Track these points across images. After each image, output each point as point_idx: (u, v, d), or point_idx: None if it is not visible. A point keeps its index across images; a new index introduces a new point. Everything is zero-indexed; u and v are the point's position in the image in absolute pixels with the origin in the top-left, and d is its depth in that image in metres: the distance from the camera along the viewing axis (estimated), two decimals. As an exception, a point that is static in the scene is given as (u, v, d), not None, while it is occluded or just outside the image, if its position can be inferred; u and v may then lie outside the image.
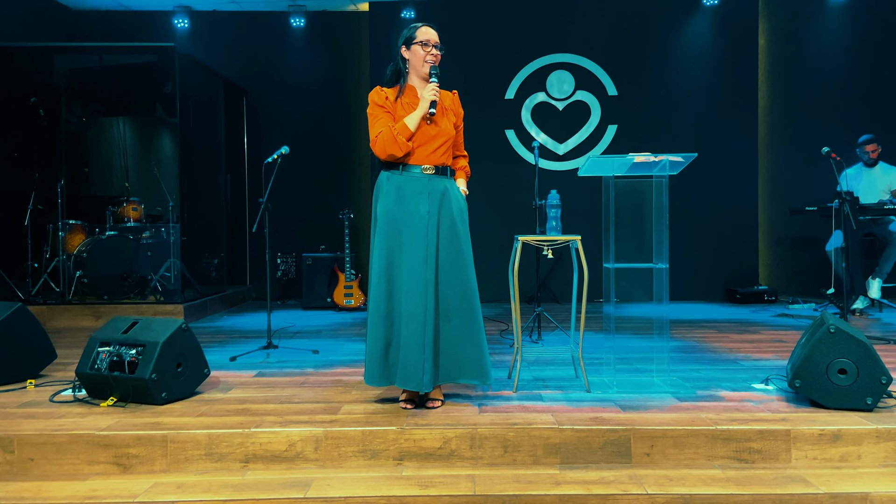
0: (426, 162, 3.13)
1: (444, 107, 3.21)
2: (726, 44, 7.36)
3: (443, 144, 3.16)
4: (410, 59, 3.19)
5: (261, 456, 2.78)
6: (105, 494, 2.55)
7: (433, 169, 3.14)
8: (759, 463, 2.76)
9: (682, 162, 3.34)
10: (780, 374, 3.53)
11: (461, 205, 3.22)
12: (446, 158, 3.20)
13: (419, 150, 3.12)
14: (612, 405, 3.11)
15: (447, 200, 3.15)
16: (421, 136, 3.11)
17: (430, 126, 3.13)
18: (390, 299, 3.10)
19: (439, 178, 3.16)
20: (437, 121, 3.15)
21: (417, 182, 3.12)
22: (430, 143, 3.13)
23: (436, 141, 3.14)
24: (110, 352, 3.17)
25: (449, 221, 3.13)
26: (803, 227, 7.22)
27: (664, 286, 3.38)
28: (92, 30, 7.66)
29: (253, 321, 6.11)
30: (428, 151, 3.13)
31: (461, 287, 3.12)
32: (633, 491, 2.52)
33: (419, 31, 3.18)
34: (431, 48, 3.16)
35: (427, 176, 3.13)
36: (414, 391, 3.11)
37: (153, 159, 7.07)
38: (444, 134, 3.16)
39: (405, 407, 3.10)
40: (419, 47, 3.15)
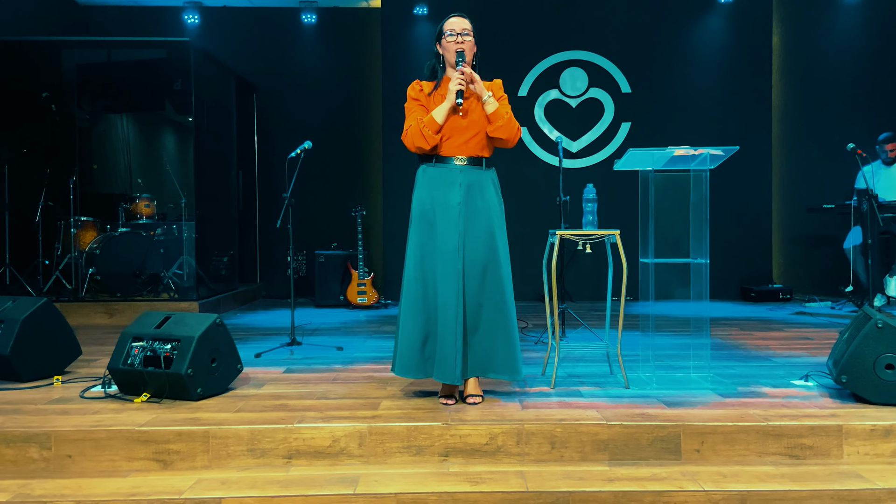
0: (458, 153, 3.10)
1: (475, 94, 3.14)
2: (740, 41, 7.35)
3: (475, 135, 3.11)
4: (444, 54, 3.17)
5: (304, 452, 2.73)
6: (148, 491, 2.49)
7: (466, 160, 3.10)
8: (811, 459, 2.72)
9: (722, 155, 3.30)
10: (818, 371, 3.50)
11: (495, 197, 3.16)
12: (480, 149, 3.14)
13: (450, 141, 3.09)
14: (655, 401, 3.07)
15: (480, 192, 3.10)
16: (451, 127, 3.08)
17: (460, 118, 3.08)
18: (425, 291, 3.07)
19: (472, 170, 3.11)
20: (468, 111, 3.09)
21: (449, 173, 3.09)
22: (461, 134, 3.09)
23: (467, 132, 3.09)
24: (144, 347, 3.11)
25: (480, 213, 3.08)
26: (817, 225, 7.21)
27: (705, 281, 3.34)
28: (100, 25, 7.58)
29: (268, 318, 6.05)
30: (460, 142, 3.09)
31: (493, 280, 3.08)
32: (688, 487, 2.48)
33: (447, 23, 3.16)
34: (458, 36, 3.12)
35: (459, 167, 3.09)
36: (452, 386, 3.08)
37: (165, 156, 7.00)
38: (477, 125, 3.10)
39: (445, 403, 3.06)
40: (446, 39, 3.13)
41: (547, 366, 3.69)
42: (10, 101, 6.30)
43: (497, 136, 3.08)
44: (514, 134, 3.10)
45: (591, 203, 3.49)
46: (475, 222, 3.07)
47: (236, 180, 7.45)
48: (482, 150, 3.14)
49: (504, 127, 3.06)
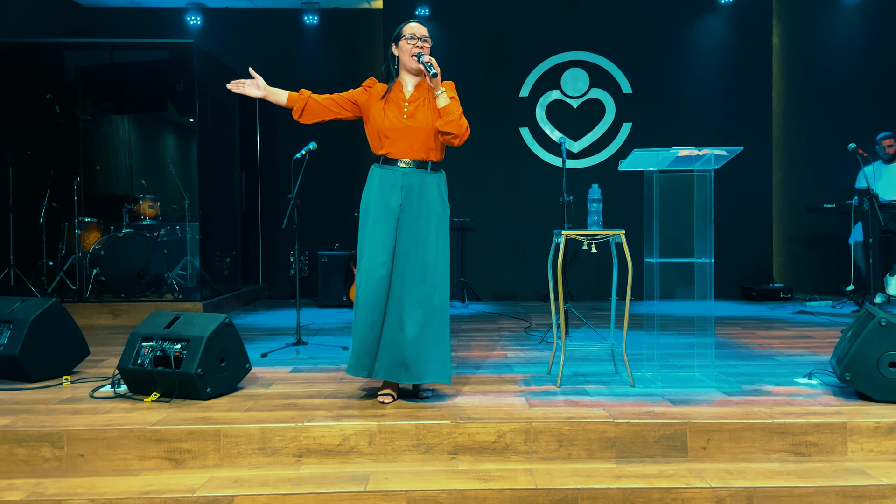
0: (403, 156, 3.14)
1: (425, 99, 3.16)
2: (741, 42, 7.39)
3: (421, 138, 3.12)
4: (399, 56, 3.18)
5: (314, 450, 2.75)
6: (161, 489, 2.51)
7: (411, 163, 3.14)
8: (816, 456, 2.75)
9: (727, 156, 3.33)
10: (822, 369, 3.54)
11: (438, 200, 3.18)
12: (426, 152, 3.15)
13: (397, 144, 3.12)
14: (661, 400, 3.10)
15: (421, 195, 3.13)
16: (397, 130, 3.11)
17: (406, 119, 3.12)
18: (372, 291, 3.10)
19: (416, 173, 3.14)
20: (413, 114, 3.12)
21: (393, 175, 3.13)
22: (406, 137, 3.12)
23: (413, 135, 3.12)
24: (154, 347, 3.13)
25: (421, 217, 3.12)
26: (817, 224, 7.25)
27: (709, 281, 3.37)
28: (103, 26, 7.61)
29: (271, 319, 6.07)
30: (405, 146, 3.13)
31: (427, 284, 3.10)
32: (695, 484, 2.51)
33: (406, 27, 3.18)
34: (418, 41, 3.14)
35: (402, 170, 3.13)
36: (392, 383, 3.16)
37: (168, 157, 7.02)
38: (423, 128, 3.12)
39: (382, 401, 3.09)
40: (405, 42, 3.14)
41: (552, 365, 3.72)
42: (14, 102, 6.32)
43: (446, 131, 3.07)
44: (463, 132, 3.09)
45: (597, 203, 3.52)
46: (414, 225, 3.11)
47: (239, 181, 7.47)
48: (428, 154, 3.16)
49: (454, 122, 3.06)
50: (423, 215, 3.13)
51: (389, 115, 3.13)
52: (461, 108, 3.13)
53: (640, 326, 4.96)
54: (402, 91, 3.18)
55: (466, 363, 3.97)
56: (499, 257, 7.42)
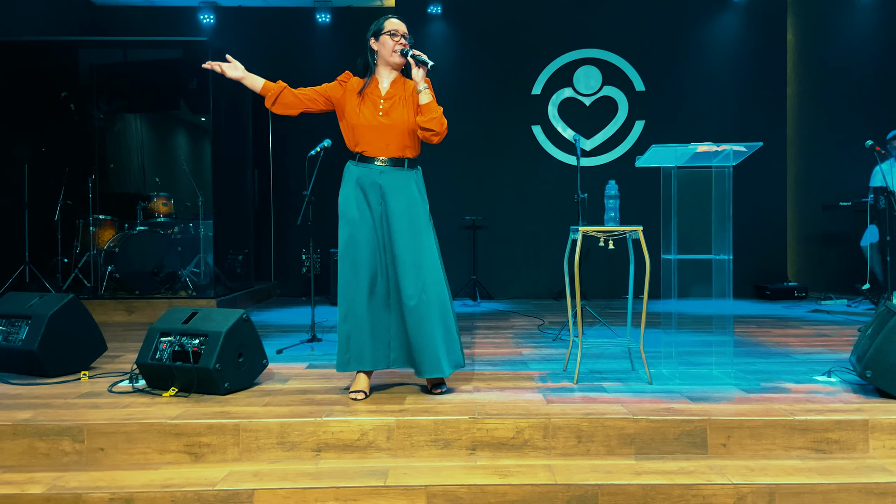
0: (380, 154, 3.13)
1: (401, 97, 3.14)
2: (755, 39, 7.35)
3: (397, 136, 3.11)
4: (379, 50, 3.15)
5: (333, 445, 2.75)
6: (181, 483, 2.52)
7: (387, 161, 3.13)
8: (837, 453, 2.73)
9: (745, 151, 3.31)
10: (840, 367, 3.51)
11: (418, 196, 3.15)
12: (402, 150, 3.14)
13: (371, 142, 3.11)
14: (679, 396, 3.08)
15: (401, 193, 3.12)
16: (373, 128, 3.10)
17: (382, 117, 3.10)
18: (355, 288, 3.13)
19: (393, 171, 3.13)
20: (388, 112, 3.10)
21: (370, 174, 3.13)
22: (383, 135, 3.11)
23: (389, 133, 3.10)
24: (172, 342, 3.15)
25: (403, 214, 3.10)
26: (832, 222, 7.20)
27: (728, 278, 3.35)
28: (116, 25, 7.65)
29: (285, 316, 6.08)
30: (381, 144, 3.12)
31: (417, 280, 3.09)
32: (716, 481, 2.49)
33: (387, 21, 3.17)
34: (400, 38, 3.13)
35: (380, 168, 3.13)
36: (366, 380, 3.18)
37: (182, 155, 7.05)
38: (398, 126, 3.10)
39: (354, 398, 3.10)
40: (388, 37, 3.12)
41: (568, 361, 3.71)
42: (29, 100, 6.36)
43: (428, 128, 3.06)
44: (443, 129, 3.09)
45: (614, 200, 3.50)
46: (396, 224, 3.10)
47: (252, 179, 7.50)
48: (404, 151, 3.15)
49: (436, 120, 3.06)
50: (406, 213, 3.11)
51: (365, 112, 3.11)
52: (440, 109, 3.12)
53: (656, 325, 4.94)
54: (377, 88, 3.15)
55: (481, 360, 3.97)
56: (510, 255, 7.41)
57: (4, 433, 2.75)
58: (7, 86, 6.22)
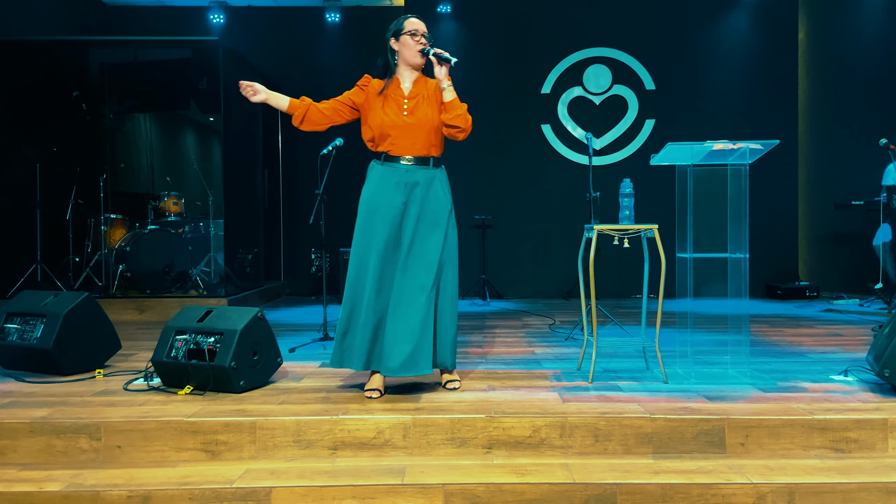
0: (405, 153, 3.14)
1: (424, 95, 3.16)
2: (765, 38, 7.32)
3: (422, 135, 3.13)
4: (400, 51, 3.16)
5: (349, 443, 2.75)
6: (199, 480, 2.52)
7: (413, 160, 3.14)
8: (856, 452, 2.71)
9: (762, 149, 3.30)
10: (856, 366, 3.49)
11: (443, 196, 3.17)
12: (427, 149, 3.15)
13: (398, 141, 3.12)
14: (696, 396, 3.07)
15: (426, 192, 3.13)
16: (398, 127, 3.11)
17: (407, 117, 3.11)
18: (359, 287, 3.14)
19: (419, 170, 3.14)
20: (413, 111, 3.12)
21: (395, 173, 3.14)
22: (408, 134, 3.12)
23: (414, 132, 3.11)
24: (187, 340, 3.15)
25: (428, 213, 3.12)
26: (844, 222, 7.16)
27: (744, 277, 3.33)
28: (126, 25, 7.67)
29: (295, 315, 6.09)
30: (406, 143, 3.13)
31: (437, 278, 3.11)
32: (736, 480, 2.48)
33: (407, 21, 3.17)
34: (420, 37, 3.14)
35: (405, 167, 3.13)
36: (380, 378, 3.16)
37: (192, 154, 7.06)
38: (423, 125, 3.12)
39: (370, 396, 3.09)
40: (409, 37, 3.13)
41: (583, 361, 3.70)
42: (41, 100, 6.38)
43: (453, 125, 3.09)
44: (469, 126, 3.13)
45: (628, 198, 3.49)
46: (422, 222, 3.11)
47: (262, 178, 7.50)
48: (429, 150, 3.16)
49: (462, 116, 3.10)
50: (433, 211, 3.13)
51: (389, 112, 3.12)
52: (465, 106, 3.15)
53: (670, 324, 4.93)
54: (399, 87, 3.16)
55: (495, 359, 3.96)
56: (520, 255, 7.40)
57: (21, 431, 2.76)
58: (19, 85, 6.25)
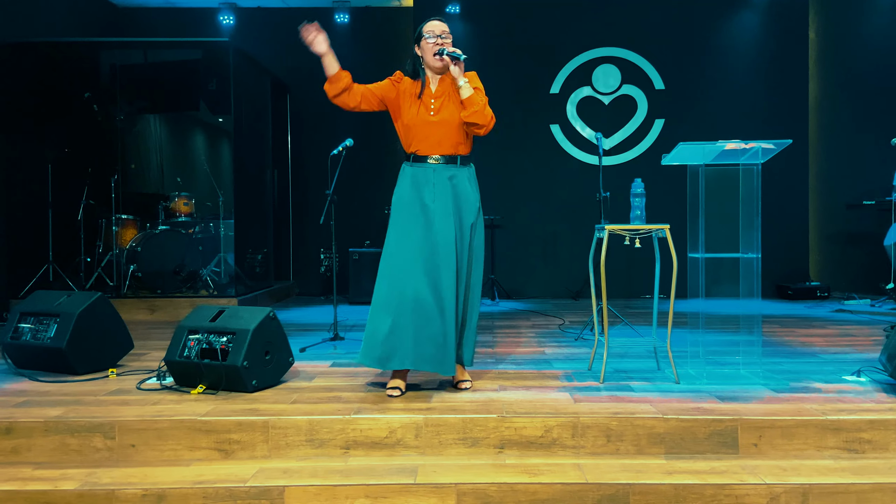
0: (432, 152, 3.18)
1: (450, 94, 3.19)
2: (776, 37, 7.29)
3: (448, 134, 3.16)
4: (422, 55, 3.22)
5: (361, 442, 2.76)
6: (213, 479, 2.54)
7: (440, 159, 3.18)
8: (870, 453, 2.70)
9: (774, 149, 3.29)
10: (869, 366, 3.47)
11: (472, 194, 3.22)
12: (454, 147, 3.19)
13: (424, 141, 3.18)
14: (708, 396, 3.06)
15: (454, 190, 3.16)
16: (424, 127, 3.16)
17: (433, 116, 3.15)
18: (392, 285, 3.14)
19: (447, 168, 3.18)
20: (439, 110, 3.16)
21: (424, 173, 3.18)
22: (433, 133, 3.16)
23: (439, 131, 3.15)
24: (200, 339, 3.17)
25: (456, 211, 3.15)
26: (855, 221, 7.12)
27: (756, 277, 3.32)
28: (137, 26, 7.71)
29: (306, 315, 6.10)
30: (433, 142, 3.17)
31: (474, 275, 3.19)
32: (749, 480, 2.48)
33: (426, 26, 3.22)
34: (437, 38, 3.16)
35: (433, 166, 3.18)
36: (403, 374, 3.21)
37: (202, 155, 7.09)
38: (448, 123, 3.15)
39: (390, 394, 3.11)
40: (426, 41, 3.17)
41: (594, 361, 3.69)
42: (52, 101, 6.42)
43: (471, 122, 3.10)
44: (489, 121, 3.12)
45: (640, 198, 3.48)
46: (450, 221, 3.12)
47: (271, 179, 7.53)
48: (456, 148, 3.19)
49: (478, 113, 3.08)
50: (460, 209, 3.16)
51: (417, 112, 3.18)
52: (486, 98, 3.15)
53: (682, 324, 4.92)
54: (429, 88, 3.22)
55: (505, 359, 3.96)
56: (528, 255, 7.39)
57: (36, 430, 2.78)
58: (32, 86, 6.29)
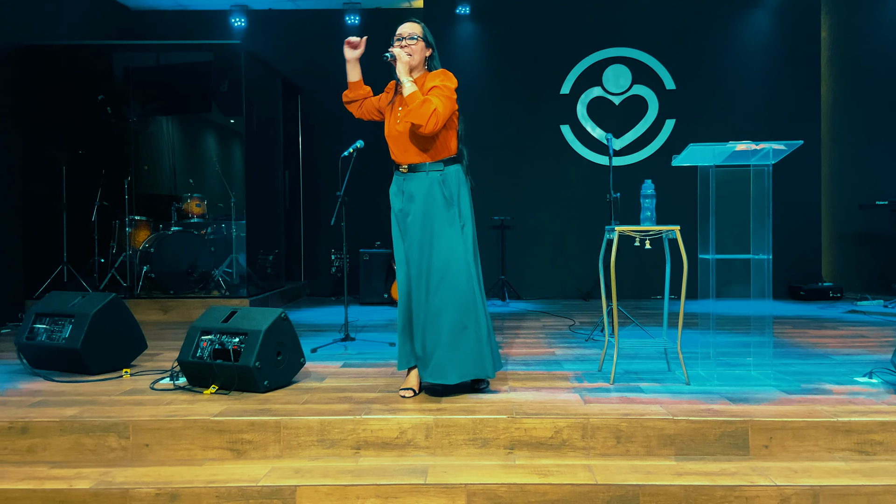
0: (401, 160, 3.20)
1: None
2: (787, 36, 7.25)
3: (410, 142, 3.12)
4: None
5: (372, 443, 2.78)
6: (226, 479, 2.56)
7: (406, 167, 3.17)
8: (882, 455, 2.69)
9: (785, 150, 3.28)
10: (881, 368, 3.46)
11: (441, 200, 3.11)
12: (420, 156, 3.12)
13: (393, 150, 3.21)
14: (719, 397, 3.06)
15: (421, 198, 3.12)
16: (389, 136, 3.19)
17: (398, 125, 3.14)
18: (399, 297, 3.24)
19: (413, 176, 3.15)
20: (403, 118, 3.10)
21: (396, 181, 3.23)
22: (397, 142, 3.17)
23: (402, 139, 3.14)
24: (212, 340, 3.20)
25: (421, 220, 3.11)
26: (867, 222, 7.07)
27: (767, 278, 3.31)
28: (150, 29, 7.77)
29: (316, 315, 6.13)
30: (399, 151, 3.19)
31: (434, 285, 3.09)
32: (759, 482, 2.47)
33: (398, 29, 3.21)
34: (402, 40, 3.16)
35: (403, 174, 3.19)
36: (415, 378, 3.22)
37: (214, 157, 7.14)
38: (408, 132, 3.10)
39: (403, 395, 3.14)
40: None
41: (604, 362, 3.70)
42: (66, 103, 6.49)
43: (410, 121, 2.98)
44: (425, 119, 2.92)
45: (650, 199, 3.48)
46: (416, 228, 3.11)
47: (283, 180, 7.57)
48: (421, 156, 3.12)
49: (412, 112, 2.94)
50: (421, 217, 3.11)
51: (389, 121, 3.19)
52: (445, 96, 2.98)
53: (692, 325, 4.91)
54: (399, 96, 3.17)
55: (515, 360, 3.97)
56: (539, 255, 7.39)
57: (52, 429, 2.82)
58: (46, 89, 6.35)
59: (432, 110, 2.93)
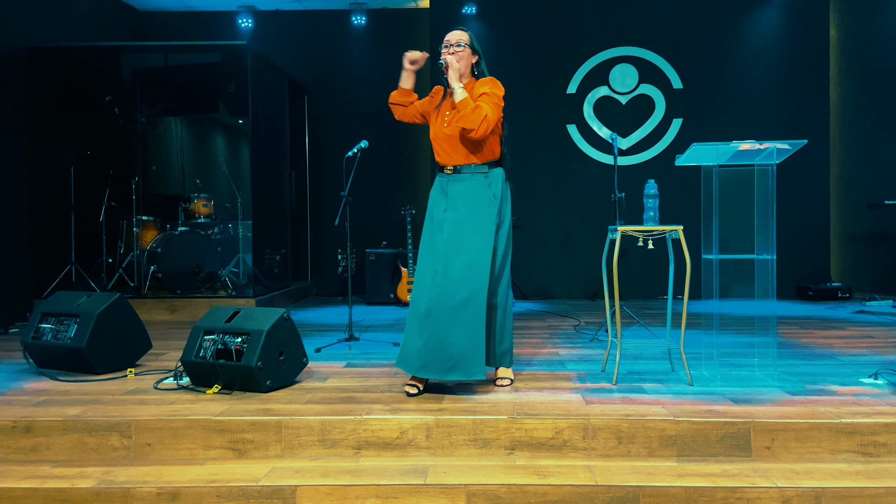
0: (447, 162, 3.28)
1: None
2: (796, 34, 7.20)
3: (458, 145, 3.21)
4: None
5: (373, 443, 2.78)
6: (227, 478, 2.57)
7: (452, 169, 3.25)
8: (885, 456, 2.67)
9: (789, 149, 3.26)
10: (888, 369, 3.43)
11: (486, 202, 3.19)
12: (466, 157, 3.22)
13: (440, 152, 3.28)
14: (722, 398, 3.04)
15: (464, 199, 3.20)
16: (438, 139, 3.26)
17: (446, 128, 3.22)
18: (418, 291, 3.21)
19: (458, 178, 3.24)
20: (451, 122, 3.20)
21: (439, 182, 3.30)
22: (445, 144, 3.24)
23: (450, 142, 3.22)
24: (215, 340, 3.21)
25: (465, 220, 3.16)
26: (877, 221, 7.02)
27: (771, 278, 3.29)
28: (158, 30, 7.82)
29: (322, 315, 6.15)
30: (445, 153, 3.26)
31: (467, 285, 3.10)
32: (761, 484, 2.46)
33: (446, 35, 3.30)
34: (445, 49, 3.24)
35: (447, 176, 3.27)
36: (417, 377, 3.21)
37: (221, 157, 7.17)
38: (456, 135, 3.20)
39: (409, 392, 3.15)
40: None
41: (607, 362, 3.68)
42: (74, 104, 6.53)
43: (461, 126, 3.11)
44: (479, 125, 3.05)
45: (653, 199, 3.46)
46: (451, 228, 3.16)
47: (289, 180, 7.59)
48: (468, 158, 3.22)
49: (464, 117, 3.08)
50: (461, 219, 3.17)
51: (436, 124, 3.28)
52: (493, 103, 3.11)
53: (696, 325, 4.88)
54: (447, 100, 3.29)
55: (518, 360, 3.96)
56: (545, 255, 7.37)
57: (55, 428, 2.84)
58: (54, 90, 6.40)
59: (483, 116, 3.08)
